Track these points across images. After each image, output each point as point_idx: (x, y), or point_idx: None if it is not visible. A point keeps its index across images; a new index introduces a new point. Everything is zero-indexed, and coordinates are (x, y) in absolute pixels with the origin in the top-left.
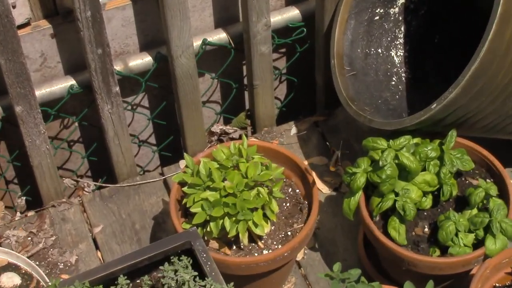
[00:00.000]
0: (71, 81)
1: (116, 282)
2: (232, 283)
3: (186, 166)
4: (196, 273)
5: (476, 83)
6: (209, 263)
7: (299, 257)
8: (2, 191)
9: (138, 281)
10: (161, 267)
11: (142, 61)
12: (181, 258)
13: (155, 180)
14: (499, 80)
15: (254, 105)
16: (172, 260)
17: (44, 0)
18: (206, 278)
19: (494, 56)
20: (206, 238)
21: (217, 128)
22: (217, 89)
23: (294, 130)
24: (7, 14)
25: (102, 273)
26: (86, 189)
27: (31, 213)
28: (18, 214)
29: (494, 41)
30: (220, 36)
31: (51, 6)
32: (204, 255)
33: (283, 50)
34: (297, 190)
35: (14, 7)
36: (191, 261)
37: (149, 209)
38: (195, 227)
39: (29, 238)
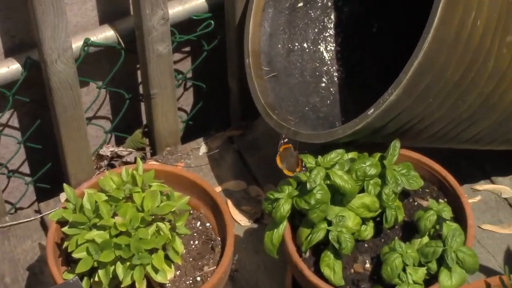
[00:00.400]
0: None
1: None
2: None
3: (67, 200)
4: None
5: (421, 81)
6: None
7: None
8: None
9: None
10: None
11: (8, 69)
12: None
13: (29, 219)
14: (448, 76)
15: (152, 120)
16: None
17: None
18: None
19: (441, 47)
20: None
21: (107, 150)
22: (106, 101)
23: (203, 149)
24: None
25: None
26: None
27: None
28: None
29: (440, 29)
30: (106, 34)
31: None
32: None
33: (187, 49)
34: (208, 224)
35: None
36: None
37: (23, 257)
38: (77, 277)
39: None
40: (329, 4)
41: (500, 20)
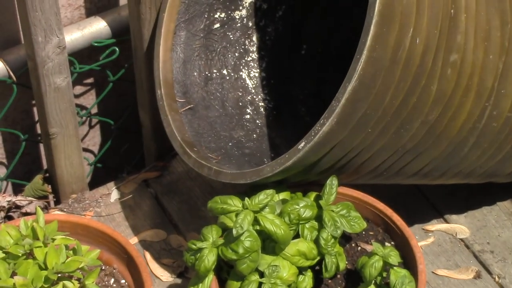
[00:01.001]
0: None
1: None
2: None
3: None
4: None
5: (357, 108)
6: None
7: None
8: None
9: None
10: None
11: None
12: None
13: None
14: (387, 102)
15: (53, 163)
16: None
17: None
18: None
19: (377, 70)
20: None
21: (3, 200)
22: None
23: (115, 195)
24: None
25: None
26: None
27: None
28: None
29: (375, 49)
30: None
31: None
32: None
33: (90, 80)
34: (123, 281)
35: None
36: None
37: None
38: None
39: None
40: (250, 24)
41: (441, 37)
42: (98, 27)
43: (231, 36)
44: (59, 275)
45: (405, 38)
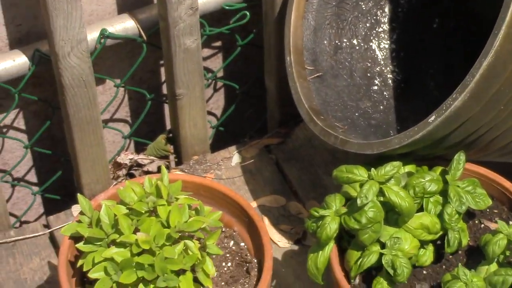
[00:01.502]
0: None
1: None
2: None
3: (81, 213)
4: None
5: (491, 85)
6: None
7: None
8: None
9: None
10: None
11: (14, 62)
12: None
13: (37, 234)
14: None
15: (178, 124)
16: None
17: None
18: None
19: (508, 52)
20: None
21: (125, 157)
22: (125, 102)
23: (237, 159)
24: None
25: None
26: None
27: None
28: None
29: (508, 38)
30: (126, 25)
31: None
32: None
33: (218, 44)
34: (242, 244)
35: None
36: None
37: (30, 277)
38: None
39: None
40: None
41: None
42: None
43: (363, 6)
44: (181, 234)
45: None
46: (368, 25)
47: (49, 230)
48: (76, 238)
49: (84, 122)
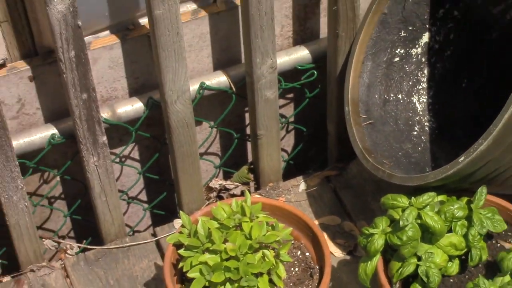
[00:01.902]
0: (52, 130)
1: None
2: None
3: (182, 226)
4: None
5: (510, 133)
6: None
7: None
8: None
9: None
10: None
11: (132, 107)
12: None
13: (146, 241)
14: None
15: (258, 158)
16: None
17: (22, 39)
18: None
19: None
20: None
21: (216, 183)
22: (217, 139)
23: (303, 186)
24: None
25: None
26: (68, 251)
27: (7, 279)
28: None
29: None
30: (219, 80)
31: (29, 46)
32: None
33: (291, 95)
34: (307, 253)
35: None
36: None
37: (140, 274)
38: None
39: None
40: (423, 60)
41: None
42: (302, 53)
43: (407, 68)
44: (260, 244)
45: None
46: (410, 83)
47: (156, 238)
48: (178, 245)
49: (185, 155)
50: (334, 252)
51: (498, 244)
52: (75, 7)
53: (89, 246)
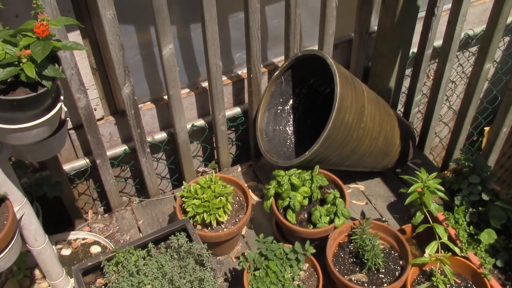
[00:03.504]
0: (125, 147)
1: (147, 247)
2: (206, 245)
3: (184, 188)
4: (187, 239)
5: (326, 142)
6: (195, 235)
7: (243, 232)
8: (90, 204)
9: (159, 246)
10: (170, 237)
11: (161, 135)
12: (180, 233)
13: (169, 196)
14: (338, 140)
15: (219, 156)
16: (176, 234)
17: (111, 105)
18: (193, 242)
19: (335, 127)
20: (195, 224)
21: (200, 169)
22: (200, 149)
23: (239, 169)
24: (91, 113)
25: (139, 242)
26: (134, 202)
27: (106, 215)
28: (100, 216)
29: (335, 119)
30: (201, 122)
31: (113, 108)
32: (192, 231)
33: (233, 129)
34: (241, 198)
35: (95, 109)
36: (185, 234)
37: (166, 211)
38: (188, 218)
39: (105, 227)
40: (290, 111)
41: (358, 116)
42: (237, 110)
43: (283, 115)
44: (219, 195)
45: (346, 116)
46: (285, 121)
47: (174, 194)
48: (182, 196)
49: (186, 157)
50: (254, 198)
51: (325, 190)
52: (133, 90)
53: (143, 199)
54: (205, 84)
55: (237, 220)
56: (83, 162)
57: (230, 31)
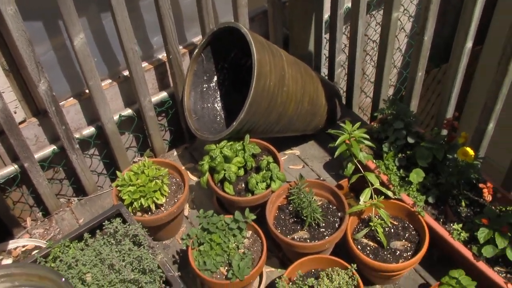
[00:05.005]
0: (53, 147)
1: (83, 238)
2: (146, 230)
3: (118, 178)
4: (120, 221)
5: (252, 109)
6: (130, 218)
7: (186, 213)
8: (28, 211)
9: (96, 235)
10: (104, 223)
11: (89, 130)
12: (116, 218)
13: (107, 190)
14: (262, 106)
15: (153, 144)
16: (110, 220)
17: (31, 107)
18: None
19: (257, 93)
20: (134, 211)
21: (136, 159)
22: (133, 140)
23: (175, 153)
24: (9, 116)
25: (74, 233)
26: (72, 202)
27: (45, 220)
28: (39, 221)
29: (257, 85)
30: (128, 112)
31: (35, 109)
32: (127, 214)
33: (163, 114)
34: (178, 179)
35: (15, 112)
36: (121, 220)
37: (106, 205)
38: (122, 203)
39: (45, 232)
40: (216, 88)
41: (280, 81)
42: (163, 94)
43: (210, 92)
44: (154, 178)
45: (267, 81)
46: (212, 98)
47: (110, 189)
48: (118, 185)
49: (117, 148)
50: (192, 178)
51: (258, 158)
52: (50, 86)
53: (81, 198)
54: (126, 73)
55: (176, 201)
56: (11, 168)
57: (143, 15)
